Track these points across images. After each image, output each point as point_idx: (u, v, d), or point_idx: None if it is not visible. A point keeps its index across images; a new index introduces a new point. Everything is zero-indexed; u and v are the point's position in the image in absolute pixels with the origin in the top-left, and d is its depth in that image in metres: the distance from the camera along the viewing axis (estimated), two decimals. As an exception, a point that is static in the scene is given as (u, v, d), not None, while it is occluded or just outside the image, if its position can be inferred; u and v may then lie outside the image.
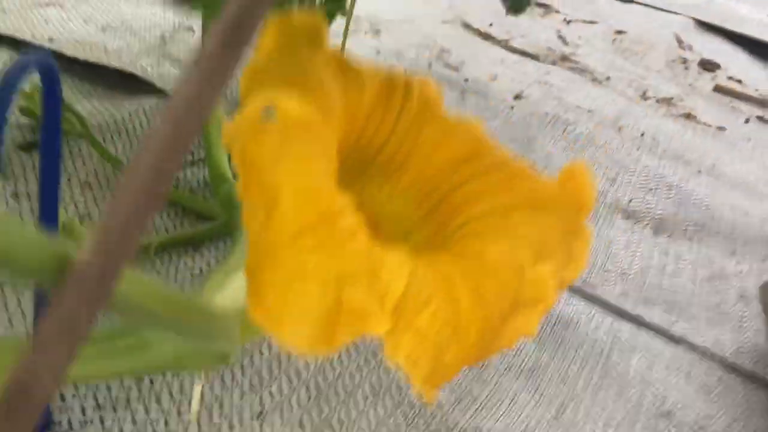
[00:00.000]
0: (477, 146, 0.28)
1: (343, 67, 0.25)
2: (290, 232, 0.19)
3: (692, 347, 0.48)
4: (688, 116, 0.87)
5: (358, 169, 0.28)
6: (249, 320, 0.19)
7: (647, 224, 0.62)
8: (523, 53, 0.96)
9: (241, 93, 0.21)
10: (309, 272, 0.19)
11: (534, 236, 0.25)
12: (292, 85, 0.22)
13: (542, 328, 0.46)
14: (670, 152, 0.76)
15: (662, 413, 0.42)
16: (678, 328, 0.50)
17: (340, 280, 0.20)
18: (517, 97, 0.79)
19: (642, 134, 0.79)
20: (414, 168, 0.28)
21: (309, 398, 0.36)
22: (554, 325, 0.46)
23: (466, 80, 0.79)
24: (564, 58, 0.99)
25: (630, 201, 0.64)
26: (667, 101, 0.91)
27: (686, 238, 0.62)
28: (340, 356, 0.38)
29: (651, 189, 0.67)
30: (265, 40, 0.22)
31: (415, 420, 0.36)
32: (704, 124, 0.85)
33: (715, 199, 0.68)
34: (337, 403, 0.36)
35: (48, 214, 0.27)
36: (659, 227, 0.62)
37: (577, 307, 0.48)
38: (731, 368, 0.47)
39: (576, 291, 0.50)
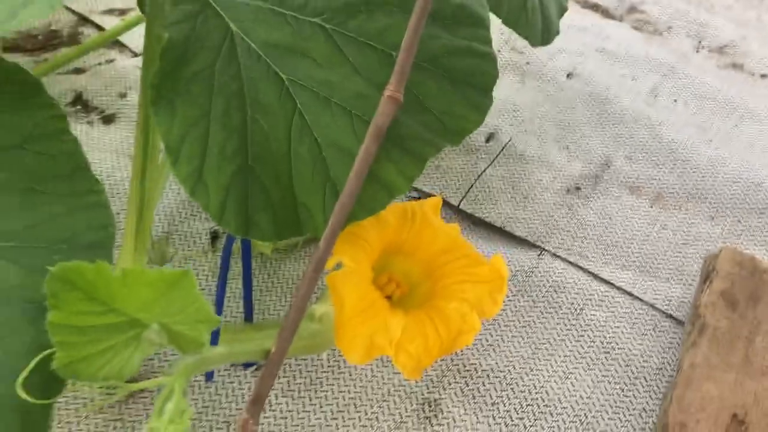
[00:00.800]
0: (454, 242, 0.54)
1: (382, 216, 0.51)
2: (350, 314, 0.47)
3: (646, 303, 0.72)
4: (735, 66, 1.02)
5: (392, 254, 0.54)
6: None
7: (646, 198, 0.83)
8: (594, 6, 1.12)
9: (335, 251, 0.48)
10: (359, 329, 0.47)
11: (473, 297, 0.52)
12: (350, 244, 0.48)
13: (538, 291, 0.72)
14: (693, 121, 0.93)
15: (605, 350, 0.67)
16: (639, 288, 0.73)
17: (372, 333, 0.47)
18: (570, 75, 0.98)
19: (675, 101, 0.97)
20: (419, 253, 0.54)
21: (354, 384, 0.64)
22: (547, 290, 0.72)
23: (528, 63, 0.99)
24: (632, 10, 1.14)
25: (638, 177, 0.85)
26: (720, 50, 1.06)
27: (676, 208, 0.83)
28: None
29: (659, 164, 0.87)
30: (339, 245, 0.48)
31: (441, 363, 0.64)
32: (749, 73, 1.00)
33: (716, 170, 0.86)
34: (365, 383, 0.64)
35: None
36: (656, 199, 0.83)
37: (564, 274, 0.73)
38: (669, 317, 0.71)
39: (568, 261, 0.75)
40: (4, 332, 0.35)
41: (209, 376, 0.59)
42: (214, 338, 0.48)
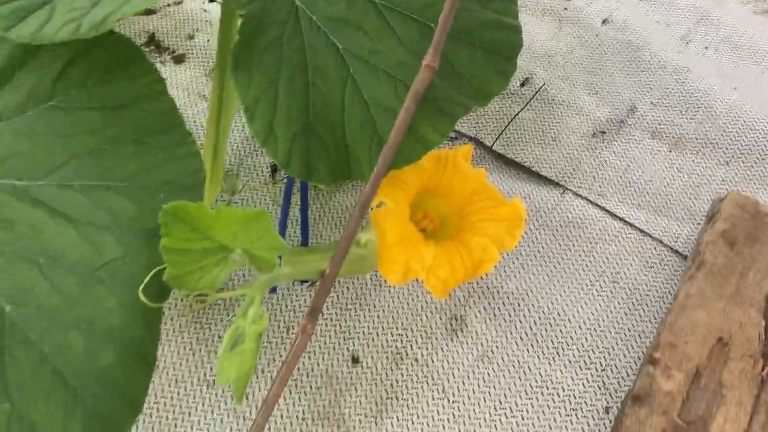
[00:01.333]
0: (481, 185, 0.63)
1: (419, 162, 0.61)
2: (390, 243, 0.57)
3: (655, 239, 0.81)
4: None
5: (427, 194, 0.64)
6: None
7: (666, 142, 0.90)
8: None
9: (378, 192, 0.58)
10: (398, 257, 0.58)
11: (494, 233, 0.61)
12: (391, 187, 0.58)
13: (558, 226, 0.81)
14: (721, 69, 0.99)
15: (614, 280, 0.77)
16: (651, 226, 0.81)
17: (408, 260, 0.58)
18: (605, 21, 1.04)
19: (705, 48, 1.02)
20: (451, 195, 0.64)
21: (392, 300, 0.75)
22: (566, 225, 0.81)
23: (565, 9, 1.05)
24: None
25: (661, 122, 0.92)
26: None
27: (693, 153, 0.89)
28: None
29: (681, 111, 0.93)
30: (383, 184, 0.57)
31: (467, 285, 0.75)
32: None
33: (736, 117, 0.92)
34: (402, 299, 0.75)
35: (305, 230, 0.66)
36: (675, 144, 0.90)
37: (583, 211, 0.82)
38: (675, 252, 0.80)
39: (588, 200, 0.83)
40: (127, 253, 0.46)
41: (273, 290, 0.71)
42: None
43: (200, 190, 0.49)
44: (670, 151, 0.90)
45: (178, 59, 1.00)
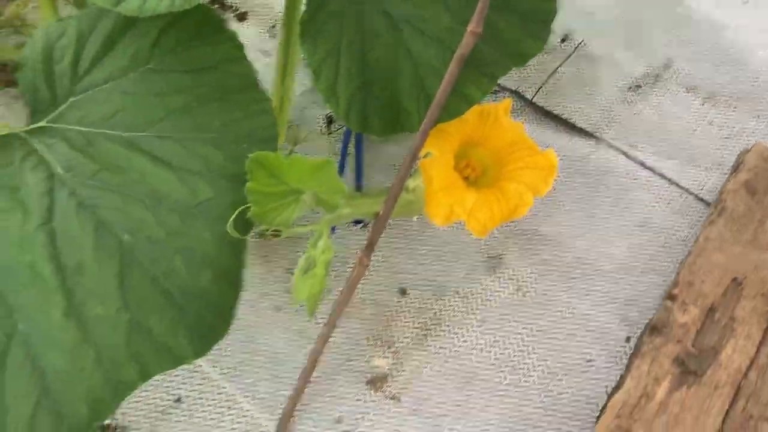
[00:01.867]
0: (519, 137, 0.70)
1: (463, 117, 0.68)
2: (436, 189, 0.66)
3: (682, 188, 0.87)
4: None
5: (470, 145, 0.71)
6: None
7: (700, 96, 0.95)
8: None
9: (426, 144, 0.66)
10: (442, 201, 0.66)
11: (529, 180, 0.69)
12: (437, 138, 0.66)
13: (592, 173, 0.87)
14: (758, 24, 1.02)
15: (641, 224, 0.83)
16: (679, 175, 0.87)
17: (452, 203, 0.66)
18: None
19: (745, 2, 1.05)
20: (491, 145, 0.71)
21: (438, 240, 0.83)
22: (599, 173, 0.87)
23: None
24: None
25: (696, 77, 0.97)
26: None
27: (726, 106, 0.94)
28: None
29: (716, 65, 0.98)
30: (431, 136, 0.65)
31: (506, 227, 0.82)
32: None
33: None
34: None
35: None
36: (708, 98, 0.95)
37: (616, 161, 0.88)
38: (701, 200, 0.86)
39: (620, 150, 0.89)
40: (217, 194, 0.55)
41: (332, 229, 0.80)
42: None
43: (274, 141, 0.58)
44: (703, 105, 0.95)
45: (241, 17, 1.08)
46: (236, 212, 0.55)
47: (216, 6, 1.10)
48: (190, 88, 0.58)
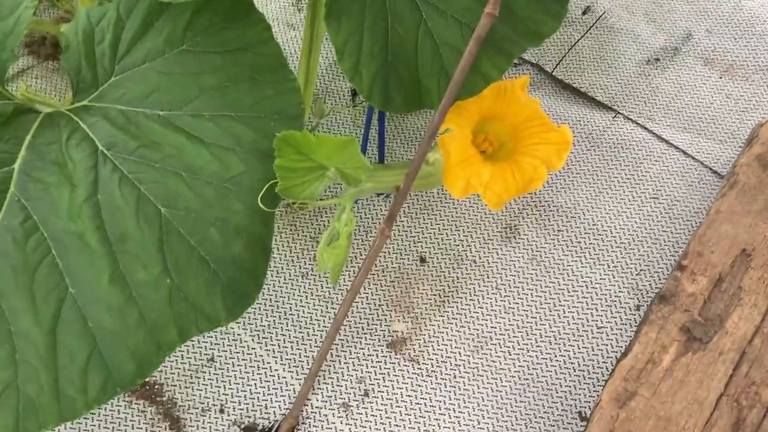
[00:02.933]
0: (534, 112, 0.73)
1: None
2: (454, 163, 0.69)
3: (697, 160, 0.89)
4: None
5: (488, 120, 0.74)
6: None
7: (718, 68, 0.96)
8: None
9: (445, 120, 0.69)
10: (460, 174, 0.69)
11: (544, 155, 0.72)
12: (456, 115, 0.69)
13: (608, 147, 0.90)
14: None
15: (654, 196, 0.86)
16: (694, 148, 0.89)
17: (469, 176, 0.69)
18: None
19: (768, -26, 1.05)
20: (509, 120, 0.74)
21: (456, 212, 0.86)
22: (615, 146, 0.90)
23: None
24: None
25: (715, 49, 0.98)
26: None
27: (743, 79, 0.95)
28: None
29: (736, 37, 0.98)
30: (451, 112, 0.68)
31: (522, 199, 0.85)
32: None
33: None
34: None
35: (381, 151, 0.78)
36: (727, 70, 0.96)
37: (632, 134, 0.91)
38: (714, 173, 0.88)
39: (637, 123, 0.91)
40: (248, 169, 0.59)
41: (355, 201, 0.84)
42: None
43: (301, 118, 0.61)
44: (720, 78, 0.96)
45: (268, -9, 1.10)
46: (266, 186, 0.59)
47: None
48: (223, 68, 0.62)
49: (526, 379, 0.75)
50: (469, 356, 0.76)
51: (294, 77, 0.63)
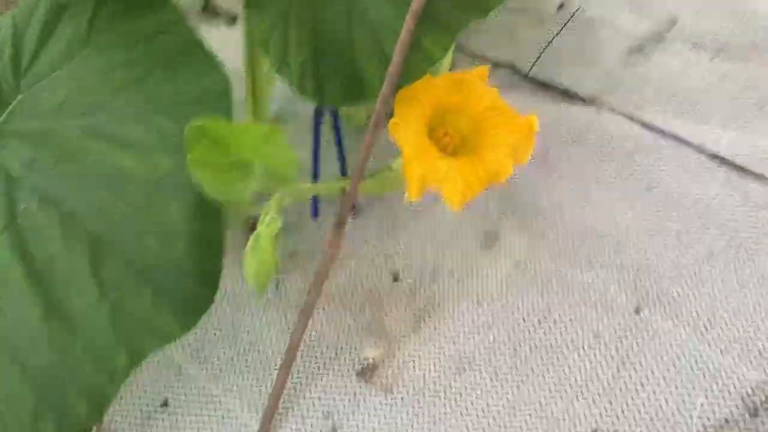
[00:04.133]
0: (495, 102, 0.66)
1: (432, 80, 0.64)
2: (409, 158, 0.61)
3: (694, 146, 0.80)
4: None
5: (447, 112, 0.67)
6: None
7: (709, 50, 0.89)
8: None
9: (395, 112, 0.62)
10: (413, 172, 0.61)
11: (508, 146, 0.64)
12: (405, 105, 0.62)
13: (593, 141, 0.82)
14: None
15: (648, 188, 0.77)
16: (690, 133, 0.81)
17: (425, 171, 0.62)
18: None
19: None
20: (469, 112, 0.66)
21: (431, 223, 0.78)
22: (601, 140, 0.82)
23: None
24: None
25: (703, 31, 0.90)
26: None
27: (738, 59, 0.87)
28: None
29: (725, 16, 0.91)
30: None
31: (500, 202, 0.77)
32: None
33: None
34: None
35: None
36: (718, 51, 0.88)
37: (619, 127, 0.83)
38: (716, 157, 0.79)
39: (624, 115, 0.84)
40: (178, 165, 0.52)
41: (315, 212, 0.77)
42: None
43: (228, 98, 0.55)
44: (712, 60, 0.89)
45: (233, 20, 1.07)
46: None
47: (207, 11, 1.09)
48: (134, 61, 0.56)
49: (517, 402, 0.65)
50: (450, 380, 0.67)
51: (213, 56, 0.57)
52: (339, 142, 0.76)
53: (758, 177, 0.78)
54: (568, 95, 0.88)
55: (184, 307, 0.52)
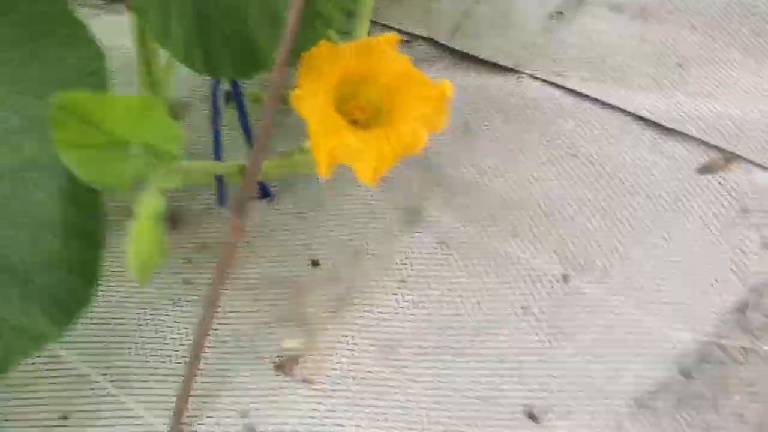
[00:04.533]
0: (405, 68, 0.62)
1: (337, 48, 0.60)
2: (314, 134, 0.57)
3: (617, 108, 0.78)
4: None
5: (357, 83, 0.63)
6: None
7: (629, 14, 0.87)
8: None
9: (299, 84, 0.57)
10: (321, 147, 0.57)
11: (422, 115, 0.60)
12: (308, 75, 0.57)
13: (514, 109, 0.79)
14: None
15: (573, 153, 0.75)
16: (612, 96, 0.79)
17: (334, 146, 0.57)
18: None
19: None
20: (381, 81, 0.62)
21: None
22: (522, 107, 0.79)
23: None
24: None
25: (623, -6, 0.88)
26: None
27: (658, 21, 0.86)
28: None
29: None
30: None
31: (422, 176, 0.74)
32: None
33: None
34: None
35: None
36: (638, 14, 0.87)
37: (540, 93, 0.80)
38: (640, 119, 0.77)
39: (545, 81, 0.81)
40: (43, 148, 0.46)
41: (221, 200, 0.72)
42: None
43: (103, 74, 0.50)
44: (631, 22, 0.87)
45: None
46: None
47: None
48: (-2, 41, 0.51)
49: (447, 384, 0.61)
50: (373, 365, 0.63)
51: (83, 28, 0.51)
52: (245, 123, 0.71)
53: (683, 137, 0.76)
54: (490, 65, 0.85)
55: (60, 307, 0.47)
